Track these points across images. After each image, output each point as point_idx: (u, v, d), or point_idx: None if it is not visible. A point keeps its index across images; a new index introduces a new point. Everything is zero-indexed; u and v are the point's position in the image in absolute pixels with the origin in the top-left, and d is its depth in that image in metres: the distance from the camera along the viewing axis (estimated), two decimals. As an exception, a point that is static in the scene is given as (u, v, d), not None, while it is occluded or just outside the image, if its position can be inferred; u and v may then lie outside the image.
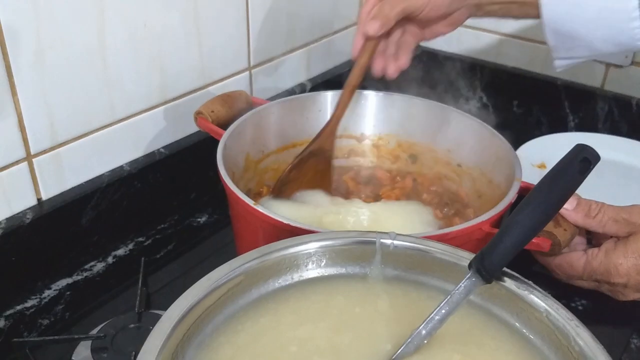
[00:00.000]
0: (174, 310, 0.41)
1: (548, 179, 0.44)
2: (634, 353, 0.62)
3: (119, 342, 0.59)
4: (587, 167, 0.44)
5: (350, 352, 0.44)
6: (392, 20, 0.67)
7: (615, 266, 0.58)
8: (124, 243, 0.74)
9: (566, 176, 0.44)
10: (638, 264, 0.57)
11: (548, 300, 0.44)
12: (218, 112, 0.73)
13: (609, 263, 0.58)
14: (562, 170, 0.44)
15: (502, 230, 0.44)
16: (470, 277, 0.44)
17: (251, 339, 0.44)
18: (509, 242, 0.43)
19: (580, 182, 0.44)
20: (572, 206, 0.60)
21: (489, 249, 0.44)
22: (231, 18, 0.82)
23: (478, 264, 0.44)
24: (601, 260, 0.59)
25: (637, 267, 0.57)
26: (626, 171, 0.89)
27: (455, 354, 0.44)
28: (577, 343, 0.41)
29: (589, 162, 0.44)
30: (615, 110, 0.98)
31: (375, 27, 0.67)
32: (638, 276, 0.57)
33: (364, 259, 0.49)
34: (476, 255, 0.45)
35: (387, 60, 0.73)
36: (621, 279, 0.58)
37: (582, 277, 0.60)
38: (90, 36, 0.66)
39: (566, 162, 0.44)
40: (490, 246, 0.44)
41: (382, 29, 0.68)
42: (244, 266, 0.46)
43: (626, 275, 0.58)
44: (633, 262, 0.57)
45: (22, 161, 0.65)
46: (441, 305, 0.44)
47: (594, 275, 0.59)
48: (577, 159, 0.44)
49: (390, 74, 0.73)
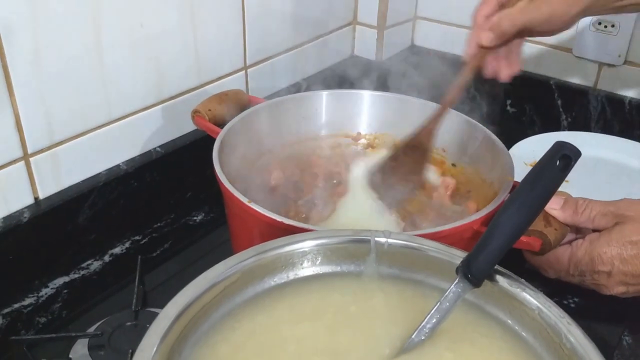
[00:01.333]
0: (170, 308, 0.42)
1: (529, 178, 0.45)
2: (626, 350, 0.63)
3: (116, 340, 0.60)
4: (568, 164, 0.44)
5: (348, 352, 0.44)
6: (510, 36, 0.66)
7: (599, 254, 0.58)
8: (121, 241, 0.75)
9: (547, 174, 0.44)
10: (622, 253, 0.57)
11: (540, 297, 0.45)
12: (215, 110, 0.73)
13: (593, 251, 0.58)
14: (543, 168, 0.44)
15: (487, 233, 0.44)
16: (459, 283, 0.45)
17: (248, 336, 0.45)
18: (494, 245, 0.44)
19: (562, 179, 0.45)
20: (560, 205, 0.61)
21: (474, 253, 0.44)
22: (227, 18, 0.82)
23: (465, 269, 0.44)
24: (586, 249, 0.59)
25: (621, 255, 0.57)
26: (618, 169, 0.90)
27: (447, 351, 0.44)
28: (569, 340, 0.42)
29: (570, 158, 0.44)
30: (607, 109, 0.99)
31: (490, 39, 0.66)
32: (622, 266, 0.57)
33: (358, 257, 0.50)
34: (463, 260, 0.45)
35: (499, 63, 0.71)
36: (605, 267, 0.58)
37: (569, 271, 0.60)
38: (87, 36, 0.67)
39: (546, 160, 0.44)
40: (475, 250, 0.44)
41: (496, 42, 0.66)
42: (240, 264, 0.46)
43: (610, 263, 0.57)
44: (617, 250, 0.57)
45: (20, 160, 0.65)
46: (431, 312, 0.45)
47: (580, 266, 0.59)
48: (557, 156, 0.44)
49: (503, 78, 0.72)
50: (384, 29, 1.07)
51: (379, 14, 1.05)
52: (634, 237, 0.57)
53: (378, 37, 1.07)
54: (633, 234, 0.57)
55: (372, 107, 0.81)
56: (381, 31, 1.07)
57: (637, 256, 0.57)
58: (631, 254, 0.57)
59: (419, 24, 1.14)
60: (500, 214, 0.44)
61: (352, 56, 1.10)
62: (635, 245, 0.57)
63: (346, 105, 0.79)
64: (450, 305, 0.45)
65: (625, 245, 0.57)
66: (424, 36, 1.14)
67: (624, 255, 0.57)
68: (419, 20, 1.14)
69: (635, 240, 0.57)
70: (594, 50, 0.97)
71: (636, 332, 0.64)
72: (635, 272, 0.57)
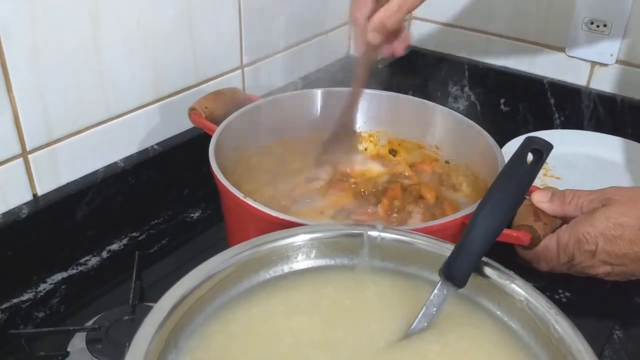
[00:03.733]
0: (166, 299, 0.42)
1: (502, 175, 0.45)
2: (617, 344, 0.63)
3: (113, 334, 0.60)
4: (539, 158, 0.45)
5: (343, 345, 0.45)
6: (393, 28, 0.69)
7: (584, 235, 0.58)
8: (119, 238, 0.75)
9: (519, 170, 0.45)
10: (606, 233, 0.58)
11: (528, 289, 0.45)
12: (212, 108, 0.74)
13: (577, 232, 0.59)
14: (514, 164, 0.45)
15: (464, 233, 0.45)
16: (442, 286, 0.45)
17: (244, 328, 0.45)
18: (473, 244, 0.44)
19: (535, 173, 0.45)
20: (548, 197, 0.61)
21: (454, 255, 0.45)
22: (224, 16, 0.83)
23: (446, 272, 0.45)
24: (570, 231, 0.59)
25: (605, 235, 0.58)
26: (610, 167, 0.91)
27: (434, 344, 0.45)
28: (557, 330, 0.43)
29: (541, 152, 0.45)
30: (600, 108, 1.00)
31: (378, 39, 0.69)
32: (606, 245, 0.58)
33: (352, 250, 0.51)
34: (444, 262, 0.46)
35: (392, 43, 0.74)
36: (590, 247, 0.58)
37: (559, 258, 0.60)
38: (85, 34, 0.67)
39: (516, 157, 0.45)
40: (455, 252, 0.45)
41: (384, 38, 0.70)
42: (235, 257, 0.47)
43: (594, 243, 0.58)
44: (601, 230, 0.58)
45: (18, 157, 0.66)
46: (418, 317, 0.45)
47: (568, 250, 0.59)
48: (527, 151, 0.45)
49: (400, 53, 0.75)
50: (379, 29, 1.07)
51: (375, 13, 1.06)
52: (619, 218, 0.58)
53: (374, 37, 1.08)
54: (618, 215, 0.58)
55: (368, 105, 0.81)
56: (377, 31, 1.07)
57: (621, 237, 0.57)
58: (615, 234, 0.57)
59: (414, 24, 1.15)
60: (476, 214, 0.45)
61: (348, 56, 1.11)
62: (620, 227, 0.57)
63: (342, 103, 0.80)
64: (437, 309, 0.45)
65: (609, 226, 0.57)
66: (420, 36, 1.15)
67: (608, 235, 0.57)
68: (415, 21, 1.15)
69: (620, 222, 0.57)
70: (587, 50, 0.98)
71: (627, 327, 0.65)
72: (619, 252, 0.58)
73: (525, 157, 0.45)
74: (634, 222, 0.57)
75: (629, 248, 0.57)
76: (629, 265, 0.59)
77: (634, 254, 0.58)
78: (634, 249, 0.57)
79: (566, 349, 0.42)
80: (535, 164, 0.45)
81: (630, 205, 0.58)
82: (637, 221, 0.57)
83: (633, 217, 0.57)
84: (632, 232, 0.57)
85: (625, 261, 0.58)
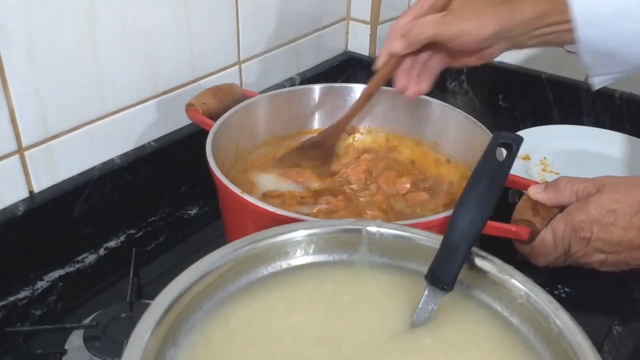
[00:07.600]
0: (164, 295, 0.42)
1: (473, 175, 0.45)
2: (616, 339, 0.63)
3: (111, 331, 0.60)
4: (510, 152, 0.45)
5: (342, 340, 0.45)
6: (419, 44, 0.66)
7: (579, 222, 0.58)
8: (116, 235, 0.75)
9: (490, 166, 0.45)
10: (600, 220, 0.58)
11: (528, 283, 0.45)
12: (209, 104, 0.73)
13: (572, 220, 0.59)
14: (484, 161, 0.45)
15: (445, 236, 0.45)
16: (429, 291, 0.45)
17: (243, 324, 0.45)
18: (453, 246, 0.44)
19: (507, 167, 0.45)
20: (542, 188, 0.62)
21: (437, 259, 0.45)
22: (221, 13, 0.83)
23: (431, 277, 0.45)
24: (565, 220, 0.59)
25: (599, 222, 0.58)
26: (609, 162, 0.91)
27: (432, 340, 0.45)
28: (557, 324, 0.43)
29: (510, 145, 0.45)
30: (598, 103, 1.00)
31: (400, 47, 0.67)
32: (600, 232, 0.58)
33: (350, 246, 0.50)
34: (429, 268, 0.46)
35: (409, 79, 0.72)
36: (585, 234, 0.58)
37: (556, 249, 0.60)
38: (81, 30, 0.67)
39: (486, 153, 0.45)
40: (438, 256, 0.45)
41: (407, 50, 0.67)
42: (234, 253, 0.47)
43: (589, 230, 0.58)
44: (595, 217, 0.58)
45: (14, 154, 0.65)
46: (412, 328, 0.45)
47: (564, 240, 0.59)
48: (495, 146, 0.45)
49: (409, 95, 0.72)
50: (377, 25, 1.07)
51: (372, 9, 1.06)
52: (612, 205, 0.58)
53: (371, 33, 1.08)
54: (612, 202, 0.58)
55: (365, 102, 0.81)
56: (374, 27, 1.07)
57: (614, 224, 0.57)
58: (608, 222, 0.57)
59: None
60: (452, 215, 0.45)
61: (345, 51, 1.10)
62: (613, 214, 0.57)
63: (339, 99, 0.80)
64: (430, 314, 0.45)
65: (602, 213, 0.57)
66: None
67: (602, 222, 0.57)
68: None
69: (614, 209, 0.57)
70: (585, 45, 0.98)
71: (626, 322, 0.65)
72: (613, 240, 0.58)
73: (494, 153, 0.45)
74: (627, 208, 0.57)
75: (622, 235, 0.57)
76: (622, 253, 0.59)
77: (628, 241, 0.58)
78: (628, 235, 0.57)
79: (566, 342, 0.42)
80: (506, 159, 0.45)
81: (624, 192, 0.58)
82: (630, 208, 0.57)
83: (626, 204, 0.57)
84: (625, 219, 0.57)
85: (619, 249, 0.58)
